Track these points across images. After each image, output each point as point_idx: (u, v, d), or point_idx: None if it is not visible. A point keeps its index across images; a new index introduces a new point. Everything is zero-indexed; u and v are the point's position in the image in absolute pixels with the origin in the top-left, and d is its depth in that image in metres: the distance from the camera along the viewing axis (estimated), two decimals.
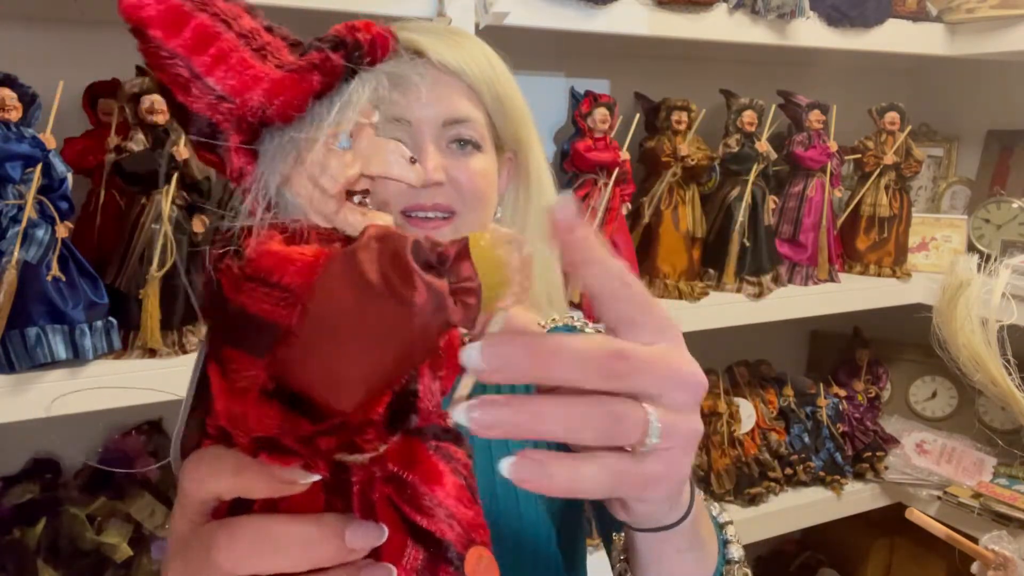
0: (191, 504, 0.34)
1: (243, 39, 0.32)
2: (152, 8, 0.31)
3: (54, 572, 1.08)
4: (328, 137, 0.30)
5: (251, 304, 0.27)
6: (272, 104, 0.29)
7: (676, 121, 1.43)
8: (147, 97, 1.00)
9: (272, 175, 0.30)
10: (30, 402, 0.92)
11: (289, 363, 0.27)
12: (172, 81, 0.31)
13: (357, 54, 0.30)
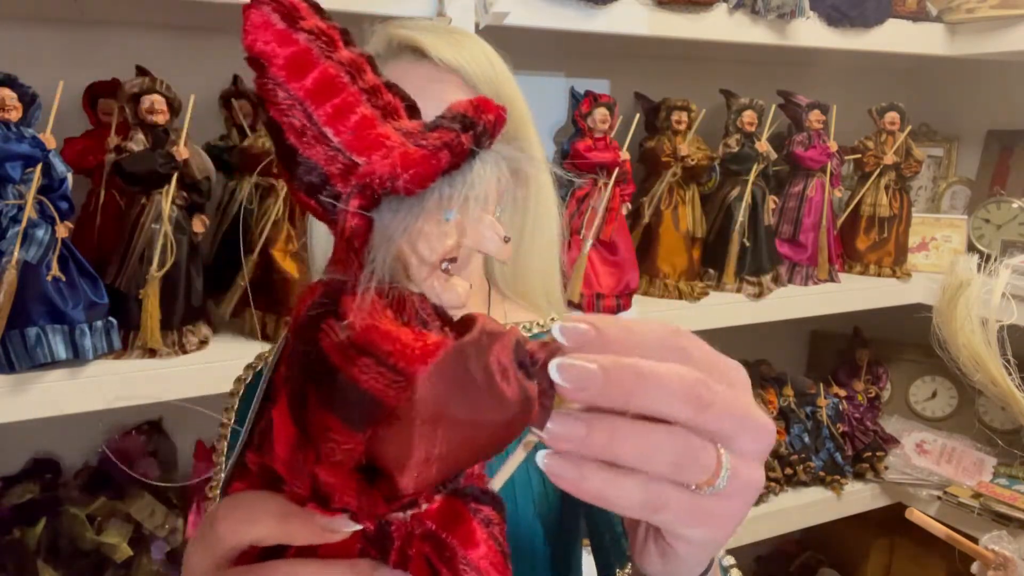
0: (222, 548, 0.33)
1: (366, 95, 0.32)
2: (277, 46, 0.31)
3: (54, 572, 1.08)
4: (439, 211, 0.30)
5: (365, 380, 0.28)
6: (401, 176, 0.29)
7: (676, 121, 1.43)
8: (147, 97, 1.00)
9: (385, 243, 0.30)
10: (30, 402, 0.92)
11: (383, 443, 0.28)
12: (287, 124, 0.31)
13: (484, 136, 0.31)
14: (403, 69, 0.69)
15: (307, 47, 0.31)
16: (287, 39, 0.31)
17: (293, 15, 0.31)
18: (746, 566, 1.98)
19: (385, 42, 0.71)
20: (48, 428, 1.20)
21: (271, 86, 0.31)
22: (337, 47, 0.32)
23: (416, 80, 0.68)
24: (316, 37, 0.32)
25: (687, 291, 1.41)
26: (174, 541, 1.19)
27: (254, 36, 0.31)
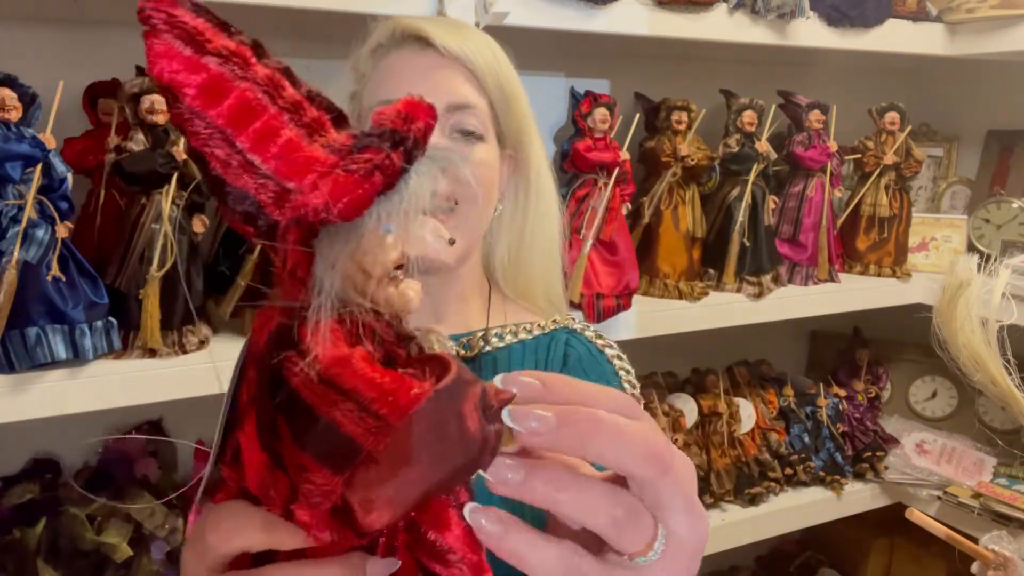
0: (213, 556, 0.34)
1: (288, 113, 0.31)
2: (186, 74, 0.30)
3: (54, 572, 1.08)
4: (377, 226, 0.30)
5: (345, 423, 0.28)
6: (335, 207, 0.29)
7: (676, 121, 1.43)
8: (147, 97, 1.00)
9: (329, 272, 0.30)
10: (30, 402, 0.92)
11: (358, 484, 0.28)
12: (210, 154, 0.30)
13: (415, 149, 0.30)
14: (407, 58, 0.69)
15: (218, 71, 0.30)
16: (195, 65, 0.30)
17: (197, 39, 0.30)
18: (746, 566, 1.98)
19: (389, 32, 0.71)
20: (48, 428, 1.20)
21: (187, 116, 0.30)
22: (250, 65, 0.31)
23: (421, 68, 0.68)
24: (226, 59, 0.30)
25: (687, 291, 1.41)
26: (174, 541, 1.19)
27: (160, 66, 0.30)
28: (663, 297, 1.42)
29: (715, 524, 1.47)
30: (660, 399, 1.54)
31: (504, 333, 0.75)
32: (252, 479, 0.31)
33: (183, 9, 0.30)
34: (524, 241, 0.79)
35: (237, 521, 0.33)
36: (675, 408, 1.52)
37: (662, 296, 1.42)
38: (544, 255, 0.80)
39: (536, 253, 0.79)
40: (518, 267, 0.80)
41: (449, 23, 0.72)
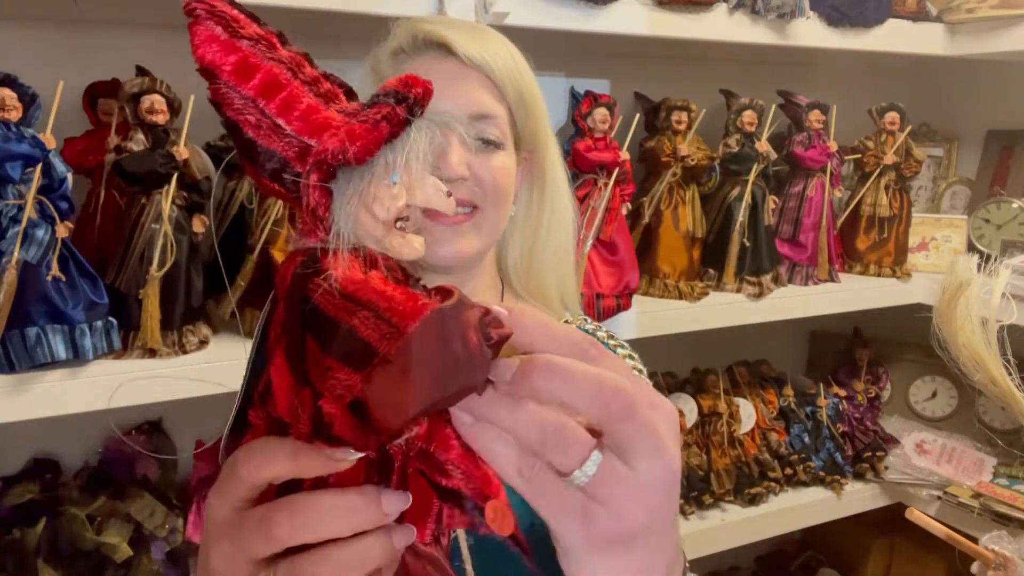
0: (242, 489, 0.37)
1: (308, 86, 0.37)
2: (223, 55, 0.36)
3: (54, 572, 1.08)
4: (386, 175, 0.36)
5: (363, 329, 0.33)
6: (350, 149, 0.34)
7: (676, 121, 1.43)
8: (147, 97, 1.00)
9: (346, 206, 0.35)
10: (30, 402, 0.92)
11: (374, 383, 0.33)
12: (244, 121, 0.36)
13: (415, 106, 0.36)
14: (428, 64, 0.69)
15: (250, 51, 0.36)
16: (231, 47, 0.36)
17: (233, 26, 0.36)
18: (746, 566, 1.98)
19: (410, 37, 0.71)
20: (48, 428, 1.20)
21: (224, 90, 0.36)
22: (276, 48, 0.37)
23: (442, 76, 0.68)
24: (256, 42, 0.37)
25: (687, 291, 1.41)
26: (174, 541, 1.19)
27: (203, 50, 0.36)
28: (663, 297, 1.42)
29: (715, 524, 1.47)
30: None
31: None
32: (281, 404, 0.36)
33: (223, 2, 0.36)
34: (538, 241, 0.79)
35: (267, 452, 0.36)
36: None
37: (662, 296, 1.42)
38: (557, 255, 0.80)
39: (549, 253, 0.79)
40: (531, 267, 0.80)
41: (470, 28, 0.71)
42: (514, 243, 0.79)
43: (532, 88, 0.73)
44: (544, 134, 0.77)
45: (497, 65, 0.69)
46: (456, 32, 0.69)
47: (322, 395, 0.33)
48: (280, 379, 0.36)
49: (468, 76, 0.69)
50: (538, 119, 0.75)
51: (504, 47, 0.72)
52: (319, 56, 0.40)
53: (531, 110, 0.73)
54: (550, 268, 0.80)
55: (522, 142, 0.75)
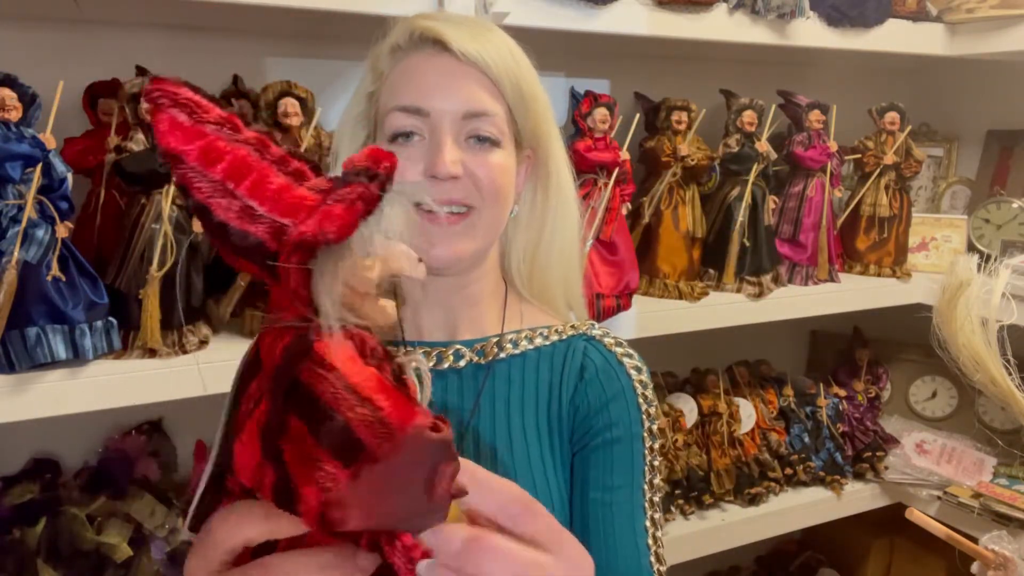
0: (219, 552, 0.38)
1: (276, 165, 0.38)
2: (187, 141, 0.37)
3: (54, 572, 1.08)
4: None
5: (358, 427, 0.34)
6: (330, 230, 0.35)
7: (676, 121, 1.43)
8: None
9: (330, 286, 0.35)
10: (30, 402, 0.92)
11: (359, 482, 0.34)
12: (214, 204, 0.36)
13: (386, 182, 0.36)
14: (425, 61, 0.68)
15: (215, 136, 0.37)
16: (196, 133, 0.37)
17: (197, 111, 0.37)
18: (746, 566, 1.98)
19: (407, 33, 0.70)
20: (48, 428, 1.20)
21: (190, 175, 0.37)
22: (240, 130, 0.38)
23: (438, 73, 0.67)
24: (221, 126, 0.37)
25: (687, 291, 1.41)
26: (174, 541, 1.19)
27: (167, 137, 0.37)
28: (663, 297, 1.42)
29: (715, 524, 1.47)
30: (660, 399, 1.54)
31: (519, 339, 0.74)
32: (245, 475, 0.37)
33: (184, 88, 0.37)
34: (542, 242, 0.77)
35: (241, 514, 0.37)
36: (675, 408, 1.53)
37: (662, 296, 1.42)
38: (562, 256, 0.78)
39: (554, 255, 0.78)
40: (535, 268, 0.78)
41: (468, 24, 0.70)
42: (518, 244, 0.78)
43: (532, 85, 0.72)
44: (547, 132, 0.76)
45: (494, 62, 0.68)
46: (453, 28, 0.68)
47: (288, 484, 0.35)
48: (244, 455, 0.37)
49: (464, 73, 0.67)
50: (539, 117, 0.73)
51: (504, 43, 0.71)
52: (319, 56, 0.40)
53: (531, 107, 0.72)
54: (555, 270, 0.78)
55: (524, 140, 0.74)
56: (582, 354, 0.73)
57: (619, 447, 0.71)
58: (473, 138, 0.68)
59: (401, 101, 0.67)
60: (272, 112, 1.08)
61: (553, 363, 0.73)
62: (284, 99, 1.08)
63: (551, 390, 0.72)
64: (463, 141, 0.68)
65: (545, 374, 0.73)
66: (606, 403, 0.71)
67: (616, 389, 0.72)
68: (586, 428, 0.71)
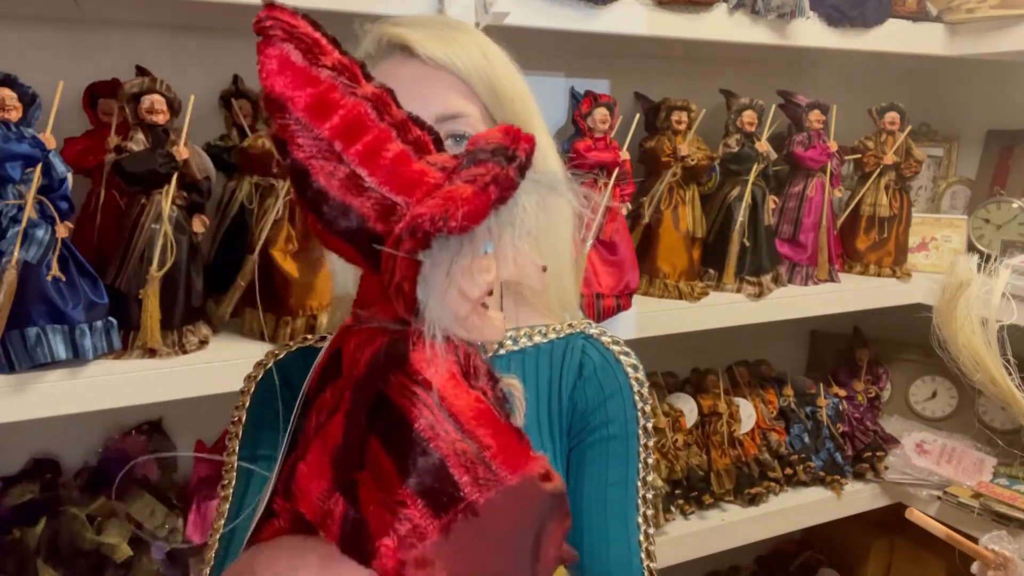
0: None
1: (395, 130, 0.31)
2: (298, 86, 0.30)
3: (54, 572, 1.08)
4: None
5: (456, 467, 0.27)
6: (454, 216, 0.28)
7: (676, 121, 1.43)
8: (147, 97, 1.00)
9: (441, 286, 0.29)
10: (30, 402, 0.92)
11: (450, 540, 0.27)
12: (316, 166, 0.30)
13: (525, 166, 0.30)
14: (393, 67, 0.67)
15: (331, 84, 0.30)
16: (308, 77, 0.30)
17: (314, 51, 0.30)
18: (746, 566, 1.98)
19: (376, 41, 0.69)
20: (48, 428, 1.20)
21: (293, 127, 0.30)
22: (360, 82, 0.31)
23: (403, 79, 0.66)
24: (339, 73, 0.31)
25: (687, 291, 1.41)
26: (174, 541, 1.19)
27: (273, 78, 0.30)
28: (663, 297, 1.42)
29: (715, 524, 1.47)
30: (660, 399, 1.54)
31: (519, 336, 0.74)
32: (307, 504, 0.31)
33: (303, 21, 0.30)
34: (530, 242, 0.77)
35: (293, 557, 0.31)
36: (675, 408, 1.52)
37: (662, 296, 1.42)
38: (552, 256, 0.77)
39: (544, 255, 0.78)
40: None
41: (436, 27, 0.69)
42: None
43: (508, 83, 0.70)
44: (530, 126, 0.73)
45: (463, 62, 0.67)
46: (419, 32, 0.67)
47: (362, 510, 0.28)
48: (311, 478, 0.31)
49: (434, 76, 0.67)
50: (518, 112, 0.71)
51: (474, 43, 0.69)
52: None
53: (507, 104, 0.70)
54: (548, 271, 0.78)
55: None
56: (580, 351, 0.74)
57: (615, 444, 0.71)
58: (451, 138, 0.67)
59: None
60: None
61: (552, 360, 0.74)
62: None
63: (551, 386, 0.72)
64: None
65: (545, 371, 0.73)
66: (603, 401, 0.72)
67: (613, 387, 0.72)
68: (583, 424, 0.72)
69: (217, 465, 1.34)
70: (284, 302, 1.08)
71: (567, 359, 0.73)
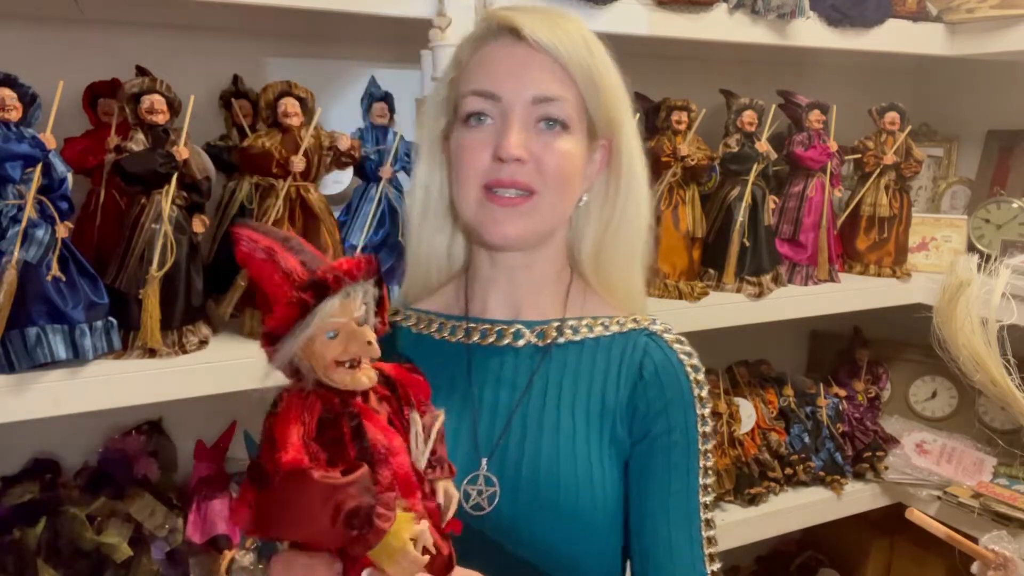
0: None
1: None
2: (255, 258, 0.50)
3: (54, 572, 1.08)
4: (321, 333, 0.48)
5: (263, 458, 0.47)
6: (276, 326, 0.47)
7: (676, 121, 1.43)
8: (147, 97, 1.00)
9: (284, 357, 0.48)
10: (30, 402, 0.92)
11: (260, 499, 0.47)
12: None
13: (324, 289, 0.47)
14: (501, 49, 0.71)
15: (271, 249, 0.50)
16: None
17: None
18: (746, 566, 1.98)
19: (487, 22, 0.73)
20: (48, 428, 1.20)
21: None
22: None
23: (511, 59, 0.70)
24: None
25: (687, 291, 1.41)
26: (174, 541, 1.19)
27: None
28: (663, 297, 1.42)
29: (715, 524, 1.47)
30: None
31: (580, 326, 0.75)
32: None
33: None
34: (608, 234, 0.78)
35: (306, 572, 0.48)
36: None
37: (662, 296, 1.42)
38: (627, 249, 0.79)
39: (620, 247, 0.78)
40: (600, 259, 0.79)
41: (544, 13, 0.72)
42: (586, 232, 0.79)
43: (604, 74, 0.73)
44: (620, 122, 0.76)
45: (566, 49, 0.69)
46: (528, 17, 0.70)
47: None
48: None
49: (536, 60, 0.69)
50: (611, 105, 0.74)
51: (578, 32, 0.72)
52: (319, 56, 0.40)
53: (603, 95, 0.72)
54: (619, 262, 0.79)
55: (598, 130, 0.74)
56: (642, 351, 0.74)
57: (676, 452, 0.72)
58: (543, 121, 0.70)
59: (476, 85, 0.71)
60: (272, 112, 1.08)
61: (611, 354, 0.74)
62: (284, 99, 1.08)
63: (606, 380, 0.73)
64: (533, 125, 0.70)
65: (601, 364, 0.74)
66: (665, 407, 0.72)
67: (675, 392, 0.73)
68: (644, 432, 0.72)
69: (217, 465, 1.34)
70: None
71: (626, 357, 0.74)
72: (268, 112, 1.09)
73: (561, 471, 0.69)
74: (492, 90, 0.69)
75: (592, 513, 0.69)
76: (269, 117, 1.09)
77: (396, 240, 1.29)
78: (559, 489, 0.68)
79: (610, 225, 0.78)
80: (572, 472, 0.69)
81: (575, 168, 0.72)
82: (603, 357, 0.74)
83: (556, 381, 0.73)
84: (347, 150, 1.13)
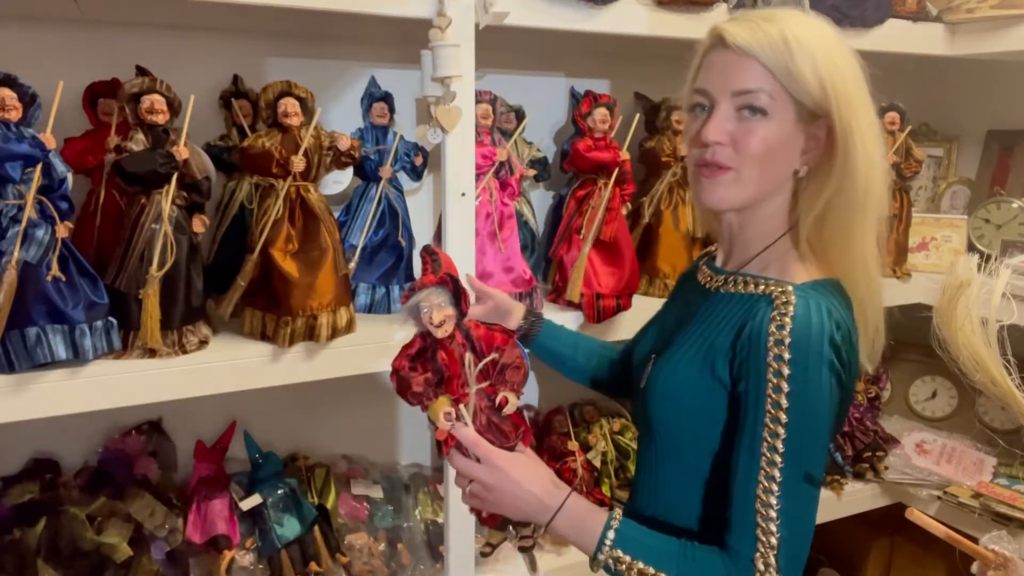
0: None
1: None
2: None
3: (54, 572, 1.08)
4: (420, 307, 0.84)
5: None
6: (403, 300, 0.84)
7: (676, 121, 1.43)
8: (147, 97, 1.00)
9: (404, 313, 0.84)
10: (30, 402, 0.92)
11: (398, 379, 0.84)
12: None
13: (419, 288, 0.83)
14: (714, 56, 0.84)
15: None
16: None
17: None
18: None
19: (708, 36, 0.87)
20: (48, 428, 1.20)
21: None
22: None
23: (718, 64, 0.84)
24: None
25: None
26: (174, 541, 1.19)
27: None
28: (663, 297, 1.41)
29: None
30: None
31: (738, 281, 0.87)
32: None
33: None
34: (825, 202, 0.85)
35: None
36: None
37: (662, 296, 1.42)
38: (845, 218, 0.85)
39: (838, 216, 0.85)
40: (818, 226, 0.86)
41: (751, 20, 0.83)
42: (807, 201, 0.87)
43: (806, 66, 0.80)
44: (842, 106, 0.82)
45: (764, 51, 0.80)
46: (732, 25, 0.83)
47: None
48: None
49: (737, 62, 0.81)
50: (816, 92, 0.80)
51: (778, 32, 0.80)
52: (319, 56, 0.40)
53: (804, 83, 0.80)
54: (835, 231, 0.85)
55: (809, 111, 0.82)
56: (753, 314, 0.82)
57: (748, 415, 0.80)
58: (746, 108, 0.82)
59: (696, 84, 0.87)
60: (272, 112, 1.08)
61: (730, 310, 0.86)
62: (284, 99, 1.08)
63: (722, 330, 0.85)
64: (735, 112, 0.82)
65: (721, 315, 0.86)
66: (747, 366, 0.80)
67: (756, 359, 0.80)
68: (736, 379, 0.82)
69: (217, 465, 1.34)
70: (284, 302, 1.08)
71: (736, 314, 0.85)
72: (268, 112, 1.09)
73: (665, 376, 0.88)
74: (705, 88, 0.84)
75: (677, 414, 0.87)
76: (269, 117, 1.09)
77: (396, 240, 1.29)
78: (665, 385, 0.88)
79: (826, 195, 0.85)
80: (669, 380, 0.88)
81: (772, 147, 0.83)
82: (723, 311, 0.86)
83: (699, 318, 0.89)
84: (347, 150, 1.13)
